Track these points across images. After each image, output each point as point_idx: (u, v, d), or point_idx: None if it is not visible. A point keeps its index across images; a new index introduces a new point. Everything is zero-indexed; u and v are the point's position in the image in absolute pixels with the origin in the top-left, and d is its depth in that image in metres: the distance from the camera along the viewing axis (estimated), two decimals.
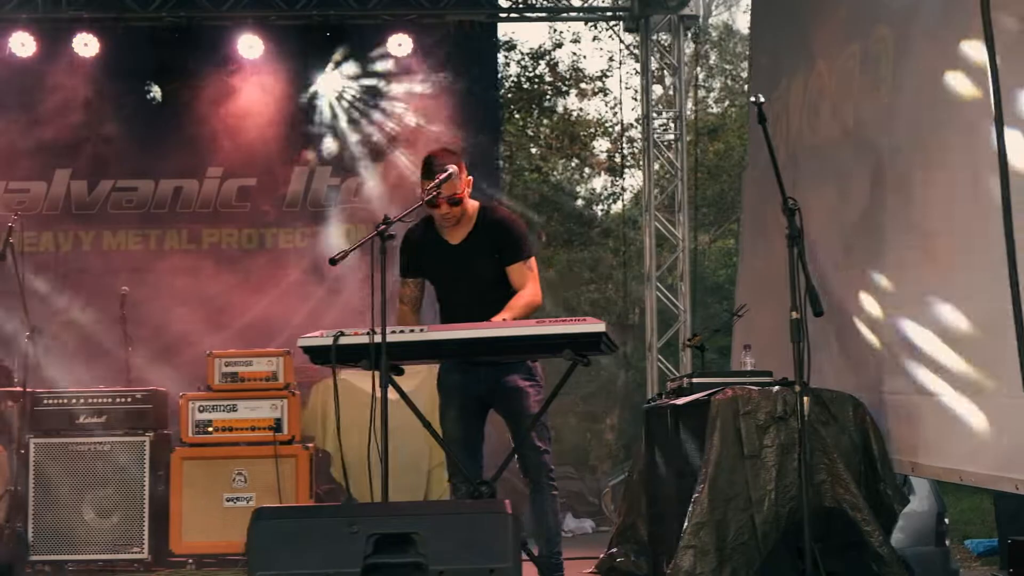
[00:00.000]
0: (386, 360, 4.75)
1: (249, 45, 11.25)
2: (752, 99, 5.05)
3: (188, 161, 11.52)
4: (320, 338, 5.04)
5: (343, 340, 4.98)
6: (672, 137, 11.85)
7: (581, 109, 20.82)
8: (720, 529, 5.48)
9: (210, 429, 8.06)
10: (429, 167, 5.59)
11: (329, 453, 9.59)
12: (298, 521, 3.93)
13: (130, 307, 9.55)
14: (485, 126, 11.76)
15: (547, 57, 21.23)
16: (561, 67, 21.16)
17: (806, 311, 4.84)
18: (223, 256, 11.33)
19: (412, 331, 5.00)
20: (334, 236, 11.49)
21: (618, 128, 19.34)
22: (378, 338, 4.78)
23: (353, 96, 11.58)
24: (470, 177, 5.80)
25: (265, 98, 11.37)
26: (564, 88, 21.20)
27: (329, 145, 11.64)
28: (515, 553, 3.93)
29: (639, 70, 12.29)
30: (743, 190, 10.09)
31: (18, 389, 8.32)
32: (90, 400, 8.16)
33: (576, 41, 21.03)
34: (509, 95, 21.09)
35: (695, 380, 6.15)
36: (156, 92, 11.47)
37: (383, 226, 4.86)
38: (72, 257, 11.39)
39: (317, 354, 5.07)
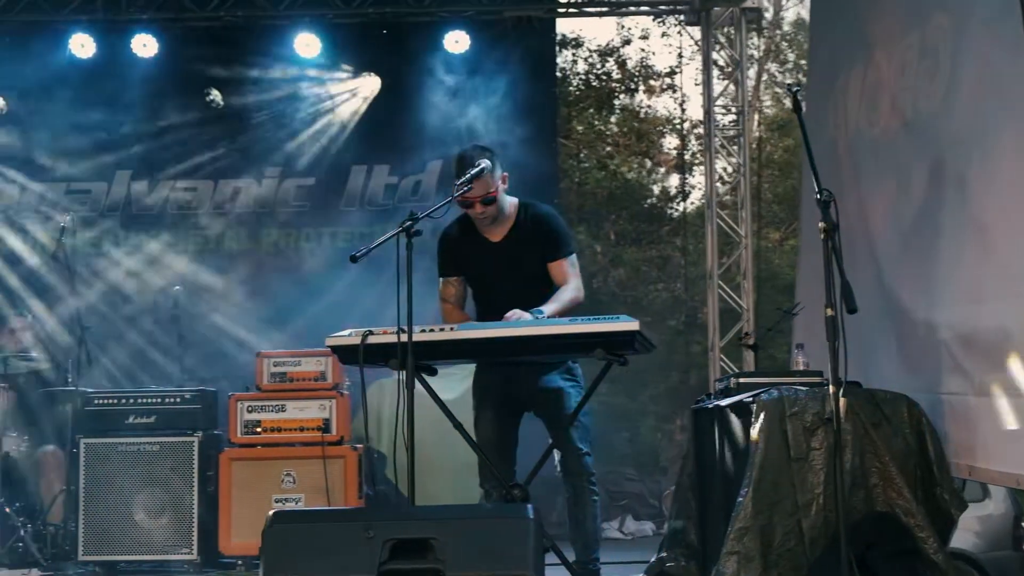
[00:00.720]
0: (412, 360, 4.63)
1: (306, 44, 11.19)
2: (788, 85, 4.83)
3: (247, 161, 11.52)
4: (348, 337, 4.94)
5: (371, 339, 4.87)
6: (734, 133, 11.62)
7: (650, 106, 20.58)
8: (765, 534, 5.30)
9: (258, 430, 8.00)
10: (460, 164, 5.49)
11: (384, 454, 9.53)
12: (314, 525, 3.82)
13: (188, 306, 9.55)
14: (543, 123, 11.59)
15: (615, 54, 21.04)
16: (629, 64, 20.96)
17: (841, 308, 4.65)
18: (281, 256, 11.30)
19: (441, 330, 4.88)
20: None
21: (687, 125, 19.12)
22: (405, 337, 4.67)
23: (411, 94, 11.47)
24: (505, 173, 5.68)
25: (323, 97, 11.31)
26: (632, 85, 20.99)
27: (386, 144, 11.55)
28: (536, 560, 3.80)
29: (728, 70, 12.01)
30: (802, 183, 9.86)
31: (71, 389, 8.36)
32: (139, 400, 8.14)
33: (645, 37, 20.79)
34: (577, 93, 20.93)
35: (742, 380, 5.96)
36: (214, 92, 11.42)
37: (409, 222, 4.75)
38: (132, 257, 11.40)
39: (345, 353, 4.98)
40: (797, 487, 5.36)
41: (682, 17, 12.24)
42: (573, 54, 20.94)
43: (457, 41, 11.26)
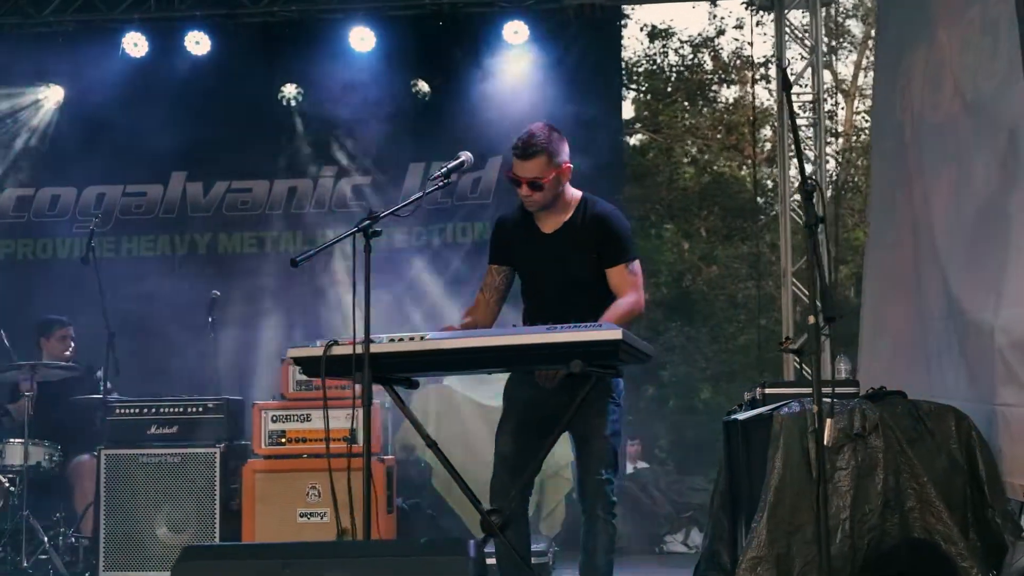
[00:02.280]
0: (368, 372, 4.22)
1: (360, 38, 10.85)
2: (777, 61, 4.24)
3: (302, 160, 11.23)
4: (311, 348, 4.54)
5: (335, 350, 4.46)
6: (807, 122, 10.99)
7: (741, 97, 19.93)
8: (782, 564, 4.78)
9: (283, 440, 7.60)
10: (516, 146, 5.13)
11: (429, 464, 9.15)
12: (226, 563, 3.41)
13: (239, 311, 9.28)
14: (607, 116, 11.07)
15: (709, 45, 20.46)
16: (724, 55, 20.37)
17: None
18: (338, 257, 10.96)
19: (411, 339, 4.44)
20: (451, 234, 11.04)
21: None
22: (361, 348, 4.25)
23: (468, 87, 11.06)
24: (567, 163, 5.19)
25: (379, 92, 10.93)
26: (726, 76, 20.37)
27: (443, 140, 11.14)
28: None
29: (803, 55, 11.36)
30: (871, 172, 9.25)
31: (98, 397, 8.11)
32: (161, 410, 7.82)
33: (739, 27, 20.18)
34: (669, 87, 20.42)
35: (767, 391, 5.41)
36: (268, 89, 11.16)
37: (367, 221, 4.32)
38: (188, 260, 11.19)
39: (308, 366, 4.58)
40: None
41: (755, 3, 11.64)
42: (663, 45, 20.43)
43: (516, 32, 10.82)
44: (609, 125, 11.13)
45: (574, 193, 5.23)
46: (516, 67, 10.93)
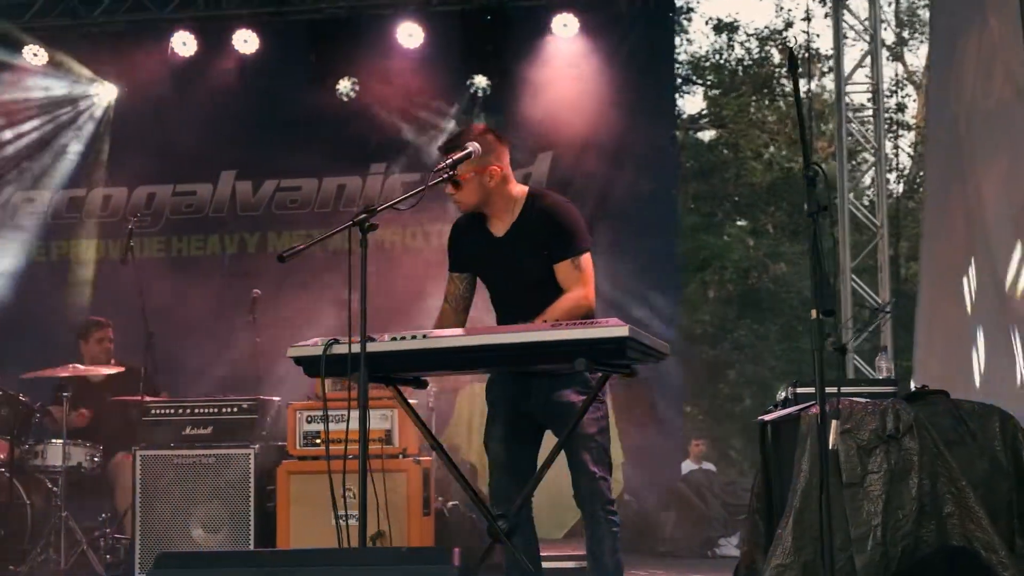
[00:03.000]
0: (365, 371, 4.06)
1: (408, 34, 10.73)
2: (785, 41, 3.98)
3: (351, 158, 11.10)
4: (310, 347, 4.39)
5: (335, 349, 4.31)
6: (868, 113, 10.64)
7: (810, 90, 19.53)
8: (808, 572, 4.53)
9: (318, 441, 7.46)
10: (446, 143, 4.90)
11: (475, 466, 8.99)
12: (200, 571, 3.26)
13: (284, 309, 9.17)
14: (659, 109, 10.85)
15: (776, 38, 20.10)
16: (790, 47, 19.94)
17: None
18: (386, 255, 10.83)
19: (413, 337, 4.27)
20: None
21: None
22: (358, 347, 4.10)
23: (517, 83, 10.89)
24: (496, 167, 4.94)
25: (427, 88, 10.82)
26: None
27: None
28: None
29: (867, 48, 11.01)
30: (926, 163, 8.93)
31: (136, 398, 8.04)
32: (196, 410, 7.72)
33: (808, 19, 19.84)
34: (736, 81, 20.10)
35: (799, 390, 5.16)
36: (317, 87, 11.06)
37: (363, 214, 4.16)
38: (238, 260, 11.13)
39: (308, 365, 4.43)
40: (850, 518, 4.59)
41: None
42: (729, 39, 20.10)
43: (566, 25, 10.63)
44: (662, 119, 10.92)
45: (520, 189, 5.01)
46: (566, 61, 10.72)
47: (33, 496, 8.19)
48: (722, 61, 20.66)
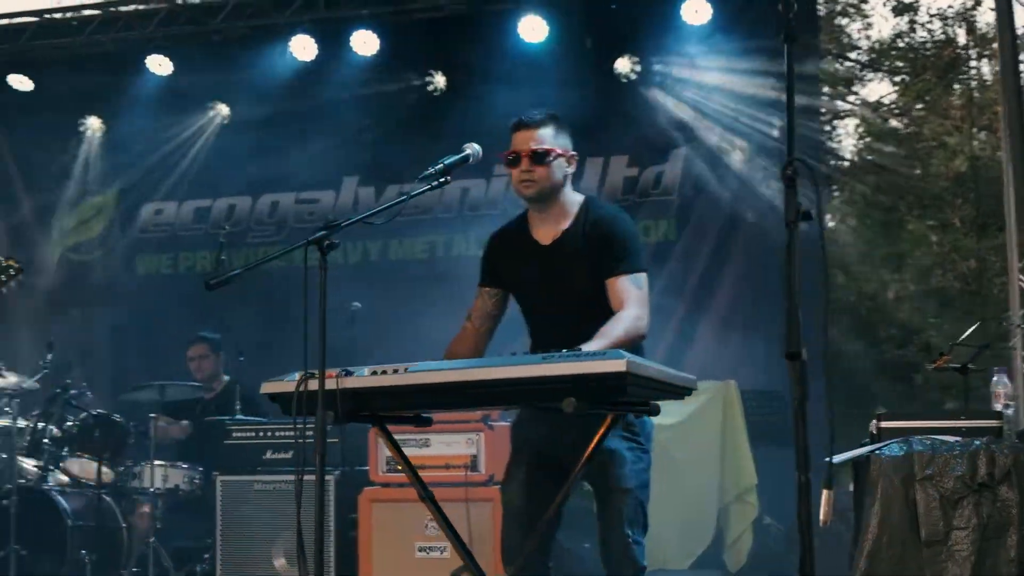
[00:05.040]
0: (322, 409, 3.53)
1: (532, 28, 10.13)
2: (781, 8, 3.15)
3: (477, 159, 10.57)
4: (284, 383, 3.88)
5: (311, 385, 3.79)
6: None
7: (995, 73, 18.19)
8: None
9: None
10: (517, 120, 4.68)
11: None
12: None
13: (405, 323, 8.78)
14: (804, 103, 9.99)
15: (963, 16, 18.80)
16: (979, 27, 18.66)
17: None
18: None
19: (395, 371, 3.70)
20: None
21: None
22: (331, 383, 3.56)
23: (648, 76, 10.20)
24: (573, 153, 4.48)
25: (553, 85, 10.19)
26: (982, 52, 18.66)
27: (623, 133, 10.32)
28: None
29: None
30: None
31: (224, 419, 7.74)
32: (276, 433, 7.34)
33: None
34: (915, 67, 18.91)
35: (883, 423, 4.36)
36: (439, 87, 10.60)
37: (323, 231, 3.61)
38: (360, 268, 10.73)
39: (283, 402, 3.92)
40: None
41: None
42: (910, 20, 18.90)
43: (696, 11, 9.85)
44: (805, 113, 10.06)
45: (576, 197, 4.46)
46: (697, 49, 10.00)
47: (130, 519, 8.02)
48: (905, 45, 19.45)
